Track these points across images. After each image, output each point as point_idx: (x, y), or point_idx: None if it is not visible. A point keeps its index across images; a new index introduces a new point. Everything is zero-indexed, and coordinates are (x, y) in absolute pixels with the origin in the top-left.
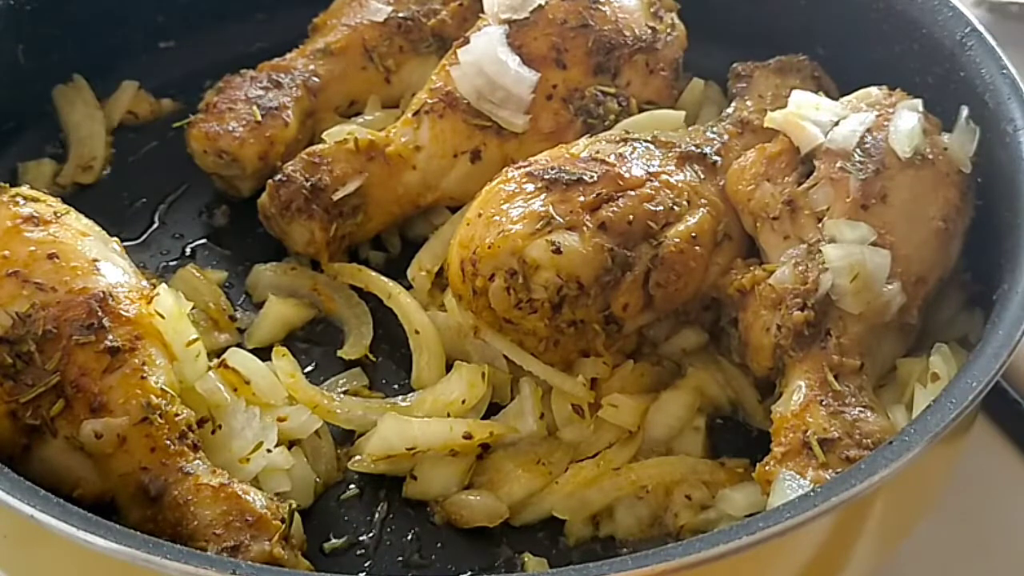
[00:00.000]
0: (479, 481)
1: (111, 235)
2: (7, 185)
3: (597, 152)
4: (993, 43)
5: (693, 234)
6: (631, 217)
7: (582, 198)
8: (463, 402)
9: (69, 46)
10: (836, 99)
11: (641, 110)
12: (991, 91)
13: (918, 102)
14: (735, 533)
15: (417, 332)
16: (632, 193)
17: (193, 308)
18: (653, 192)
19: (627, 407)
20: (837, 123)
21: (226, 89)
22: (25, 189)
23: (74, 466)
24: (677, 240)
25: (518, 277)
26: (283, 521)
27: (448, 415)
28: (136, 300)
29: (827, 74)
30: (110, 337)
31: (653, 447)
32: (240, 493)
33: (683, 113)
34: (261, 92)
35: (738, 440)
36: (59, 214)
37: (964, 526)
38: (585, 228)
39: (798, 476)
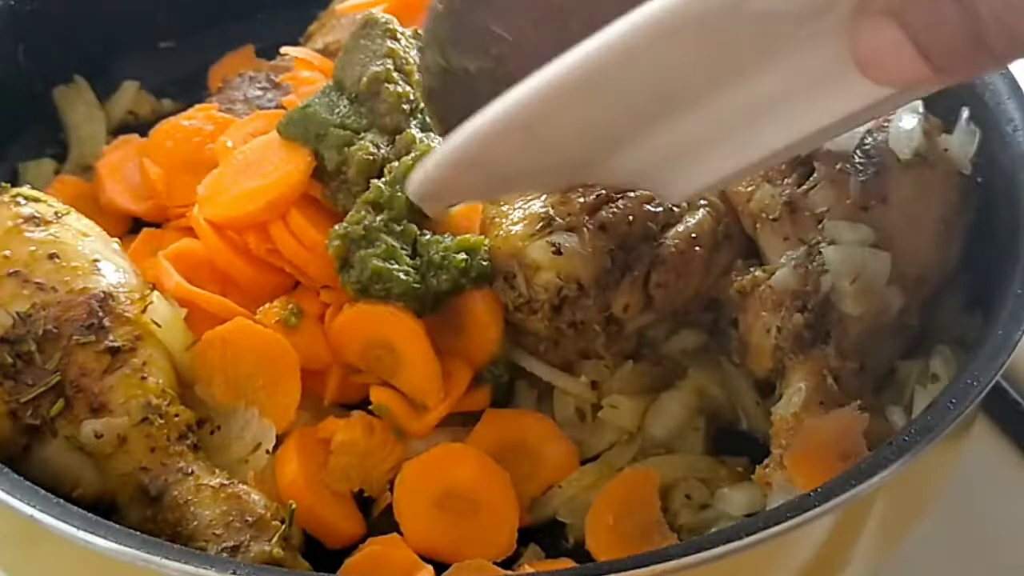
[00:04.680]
0: None
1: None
2: (8, 185)
3: None
4: None
5: (693, 234)
6: (631, 218)
7: (582, 199)
8: None
9: (69, 46)
10: None
11: None
12: (991, 91)
13: (918, 103)
14: (735, 533)
15: None
16: (632, 194)
17: None
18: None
19: (627, 408)
20: None
21: (224, 89)
22: (26, 189)
23: (74, 466)
24: (677, 241)
25: (518, 278)
26: (283, 522)
27: None
28: (136, 301)
29: None
30: (110, 337)
31: (653, 447)
32: (240, 493)
33: None
34: (259, 92)
35: (738, 440)
36: (60, 214)
37: (964, 526)
38: (585, 229)
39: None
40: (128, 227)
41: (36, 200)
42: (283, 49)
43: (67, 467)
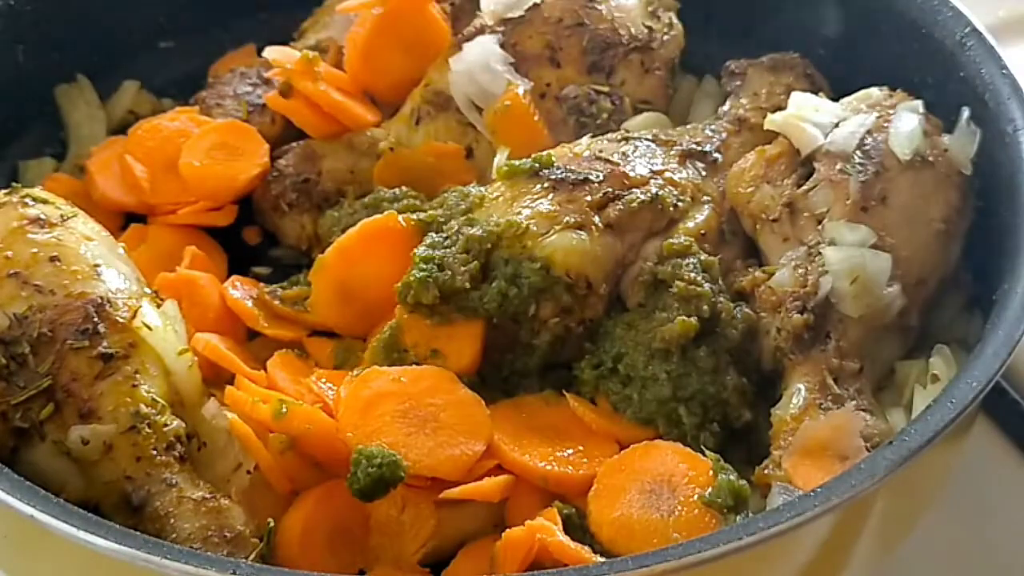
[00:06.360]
0: None
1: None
2: (20, 186)
3: (600, 151)
4: (993, 43)
5: (702, 231)
6: (638, 215)
7: (589, 197)
8: None
9: (69, 46)
10: (828, 96)
11: (636, 110)
12: (991, 91)
13: (919, 103)
14: (735, 533)
15: None
16: (637, 191)
17: None
18: (658, 190)
19: None
20: (837, 125)
21: (215, 85)
22: (37, 191)
23: (60, 471)
24: (686, 238)
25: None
26: (262, 539)
27: None
28: (134, 307)
29: (822, 73)
30: (104, 343)
31: None
32: (221, 508)
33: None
34: (249, 88)
35: (738, 440)
36: (66, 217)
37: (964, 526)
38: (593, 227)
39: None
40: (121, 223)
41: (44, 202)
42: (265, 51)
43: (53, 472)
